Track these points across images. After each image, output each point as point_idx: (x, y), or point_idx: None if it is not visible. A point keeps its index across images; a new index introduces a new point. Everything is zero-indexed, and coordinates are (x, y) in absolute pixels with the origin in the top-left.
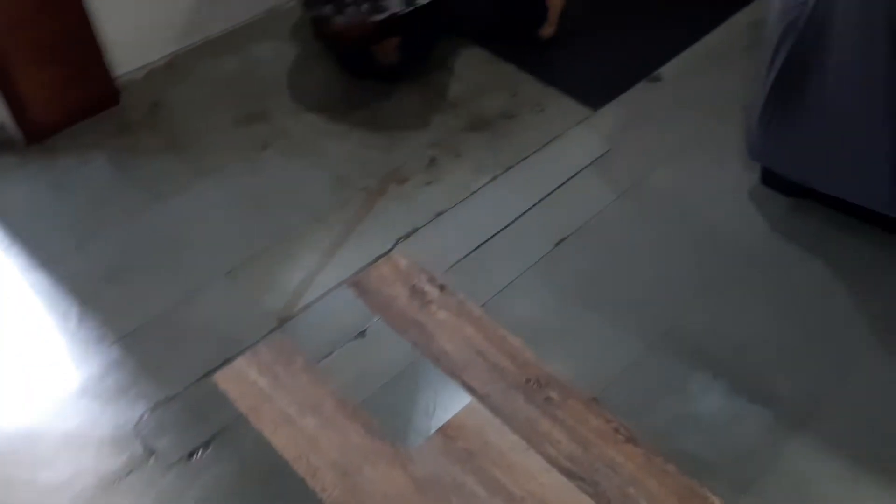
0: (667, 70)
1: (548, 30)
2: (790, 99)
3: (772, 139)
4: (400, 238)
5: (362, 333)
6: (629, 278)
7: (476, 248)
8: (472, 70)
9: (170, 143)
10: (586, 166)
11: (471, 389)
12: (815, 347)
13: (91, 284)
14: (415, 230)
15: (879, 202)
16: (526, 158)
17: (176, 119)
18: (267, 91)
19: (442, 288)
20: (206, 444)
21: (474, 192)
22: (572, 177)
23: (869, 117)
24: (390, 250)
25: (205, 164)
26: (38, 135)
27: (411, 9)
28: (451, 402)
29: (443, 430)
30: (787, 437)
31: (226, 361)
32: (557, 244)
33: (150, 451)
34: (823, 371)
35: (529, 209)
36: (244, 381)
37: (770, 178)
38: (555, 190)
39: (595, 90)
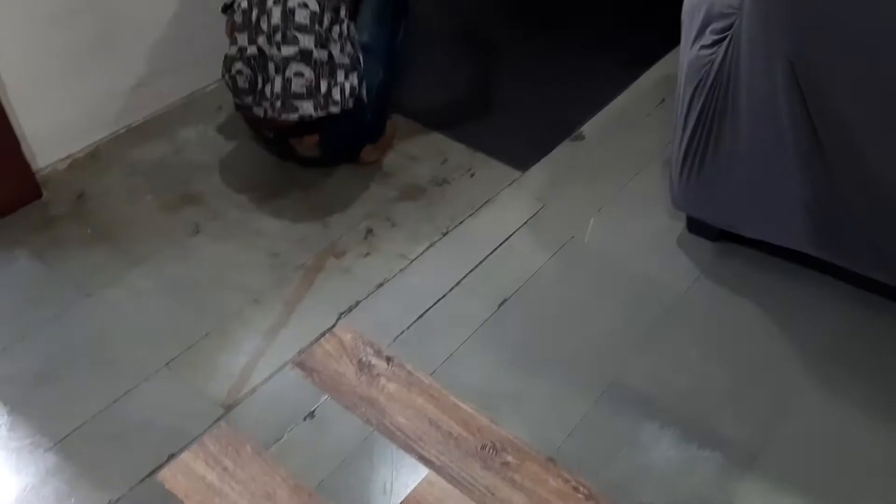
0: (588, 128)
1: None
2: (706, 151)
3: (693, 189)
4: (342, 312)
5: (312, 414)
6: (572, 334)
7: (420, 317)
8: (402, 139)
9: (98, 235)
10: (521, 226)
11: (427, 461)
12: (754, 387)
13: (21, 389)
14: (357, 303)
15: (798, 241)
16: (461, 223)
17: (103, 209)
18: (195, 174)
19: (389, 360)
20: None
21: (413, 260)
22: (508, 237)
23: (780, 163)
24: (333, 326)
25: (135, 254)
26: None
27: (325, 114)
28: (408, 477)
29: None
30: (739, 479)
31: (171, 457)
32: (500, 305)
33: None
34: (765, 410)
35: (469, 273)
36: (192, 477)
37: (695, 226)
38: (492, 252)
39: (522, 152)
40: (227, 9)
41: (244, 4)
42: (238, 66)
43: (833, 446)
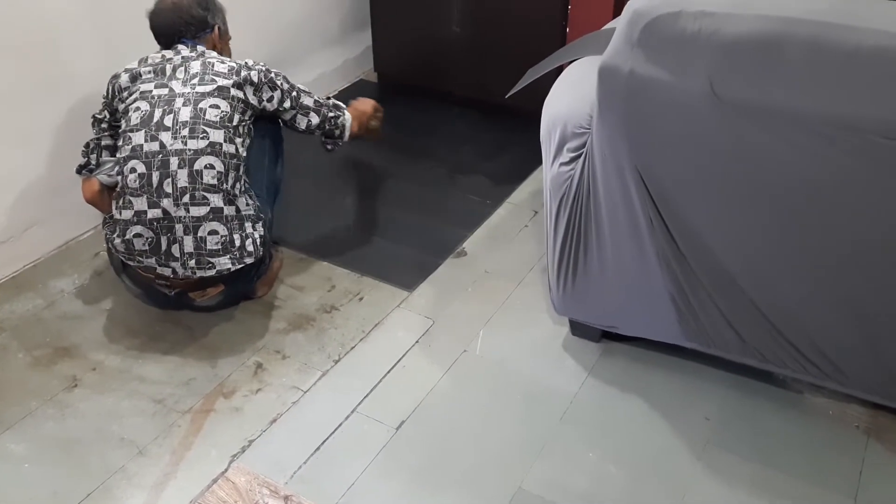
0: (469, 245)
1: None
2: (577, 258)
3: (570, 295)
4: (234, 455)
5: None
6: (472, 448)
7: (317, 449)
8: (287, 270)
9: None
10: (412, 346)
11: None
12: (650, 483)
13: None
14: (250, 443)
15: (672, 335)
16: (353, 348)
17: None
18: (70, 326)
19: (287, 499)
20: None
21: (306, 391)
22: (401, 358)
23: (643, 263)
24: (225, 470)
25: (6, 417)
26: None
27: (240, 266)
28: None
29: None
30: None
31: None
32: (398, 428)
33: None
34: None
35: (365, 398)
36: None
37: (578, 329)
38: (386, 374)
39: (408, 273)
40: (84, 169)
41: (139, 168)
42: (136, 229)
43: None
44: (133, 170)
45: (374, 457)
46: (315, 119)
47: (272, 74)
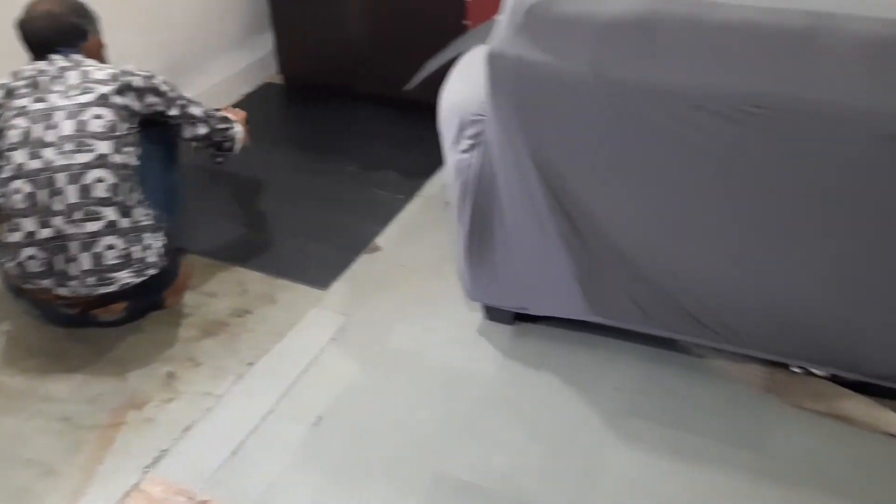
0: (383, 239)
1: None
2: (483, 242)
3: (480, 280)
4: (147, 466)
5: None
6: (391, 437)
7: (234, 452)
8: (197, 277)
9: None
10: (328, 343)
11: None
12: (566, 457)
13: None
14: (163, 453)
15: (579, 311)
16: (268, 350)
17: None
18: None
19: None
20: None
21: (220, 396)
22: (317, 356)
23: (546, 244)
24: (139, 482)
25: None
26: None
27: (143, 279)
28: None
29: None
30: None
31: None
32: (316, 424)
33: None
34: (578, 478)
35: (281, 399)
36: None
37: (492, 313)
38: (302, 373)
39: (321, 271)
40: None
41: (25, 188)
42: (28, 251)
43: (649, 499)
44: (18, 190)
45: (292, 454)
46: (203, 129)
47: (155, 81)
